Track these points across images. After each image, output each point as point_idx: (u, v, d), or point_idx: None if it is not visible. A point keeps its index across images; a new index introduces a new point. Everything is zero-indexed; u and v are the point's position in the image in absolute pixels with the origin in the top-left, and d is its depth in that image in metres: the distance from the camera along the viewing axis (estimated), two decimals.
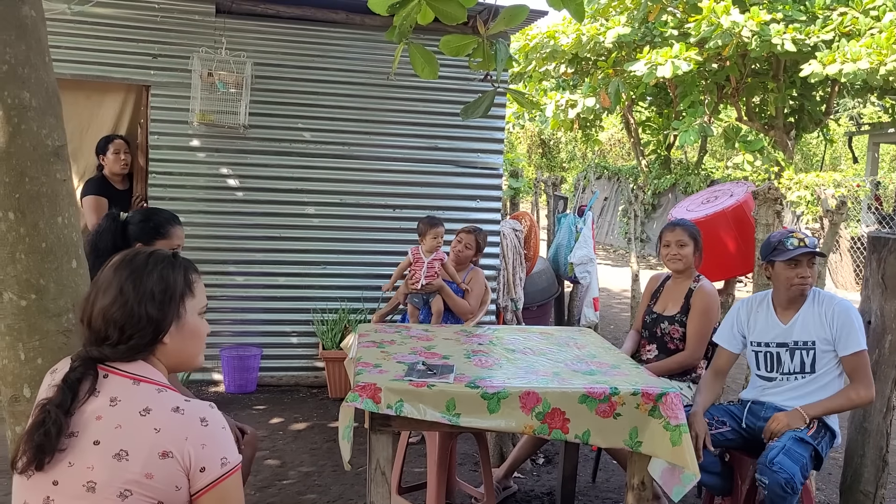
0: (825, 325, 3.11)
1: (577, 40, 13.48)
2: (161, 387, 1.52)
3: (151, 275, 1.58)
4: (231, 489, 1.49)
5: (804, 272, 3.13)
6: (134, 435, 1.43)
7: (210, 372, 5.53)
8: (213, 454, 1.47)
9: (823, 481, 4.28)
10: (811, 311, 3.16)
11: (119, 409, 1.46)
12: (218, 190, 5.44)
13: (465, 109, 3.01)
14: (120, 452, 1.41)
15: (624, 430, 2.83)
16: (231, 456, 1.50)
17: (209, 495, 1.47)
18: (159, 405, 1.47)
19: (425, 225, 4.68)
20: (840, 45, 10.66)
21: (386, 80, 5.57)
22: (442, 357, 3.20)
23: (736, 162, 12.97)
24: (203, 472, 1.45)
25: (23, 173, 2.00)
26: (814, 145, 24.85)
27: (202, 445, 1.46)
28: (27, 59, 2.00)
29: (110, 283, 1.55)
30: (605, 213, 18.76)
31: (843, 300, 3.17)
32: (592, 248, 6.70)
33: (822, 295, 3.19)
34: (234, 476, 1.50)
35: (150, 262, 1.60)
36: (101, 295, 1.55)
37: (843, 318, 3.08)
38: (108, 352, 1.53)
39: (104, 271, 1.58)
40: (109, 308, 1.53)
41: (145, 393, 1.49)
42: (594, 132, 17.95)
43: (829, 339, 3.09)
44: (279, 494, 3.81)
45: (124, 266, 1.58)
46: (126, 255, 1.61)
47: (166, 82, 5.28)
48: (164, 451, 1.43)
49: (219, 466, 1.47)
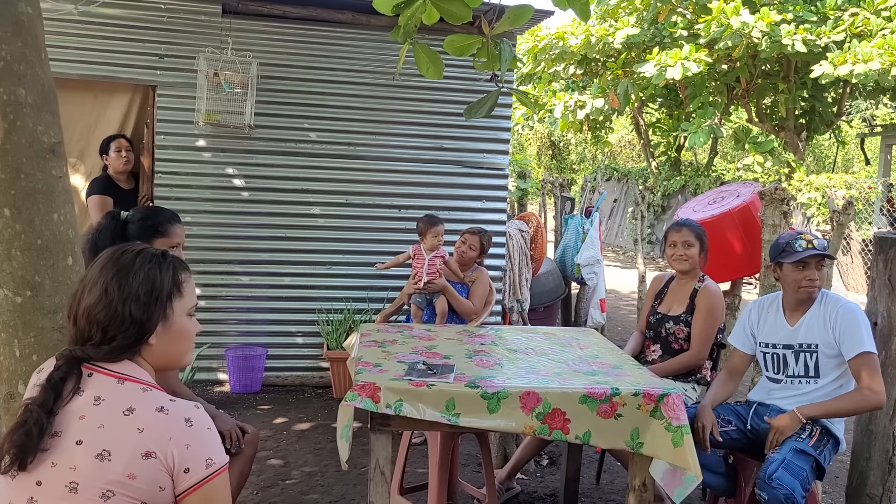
0: (828, 328, 3.06)
1: (586, 41, 13.45)
2: (146, 386, 1.51)
3: (137, 275, 1.56)
4: (216, 490, 1.47)
5: (812, 274, 3.09)
6: (117, 435, 1.41)
7: (215, 372, 5.53)
8: (197, 455, 1.45)
9: (830, 485, 4.24)
10: (817, 314, 3.12)
11: (102, 409, 1.44)
12: (224, 190, 5.45)
13: (469, 109, 3.00)
14: (102, 452, 1.40)
15: (625, 431, 2.80)
16: (217, 457, 1.48)
17: (194, 496, 1.45)
18: (143, 405, 1.45)
19: (425, 224, 4.66)
20: (851, 46, 10.58)
21: (392, 80, 5.56)
22: (443, 357, 3.18)
23: (746, 163, 12.89)
24: (187, 473, 1.44)
25: (18, 170, 2.00)
26: (826, 147, 24.70)
27: (186, 446, 1.44)
28: (23, 56, 2.00)
29: (96, 282, 1.53)
30: (614, 214, 18.70)
31: (849, 302, 3.12)
32: (599, 250, 6.67)
33: (829, 297, 3.15)
34: (220, 477, 1.48)
35: (138, 261, 1.58)
36: (86, 293, 1.53)
37: (846, 320, 3.02)
38: (92, 352, 1.51)
39: (91, 269, 1.56)
40: (94, 308, 1.51)
41: (130, 392, 1.47)
42: (604, 134, 17.91)
43: (832, 341, 3.04)
44: (282, 494, 3.81)
45: (111, 265, 1.56)
46: (114, 252, 1.58)
47: (172, 82, 5.29)
48: (147, 451, 1.41)
49: (203, 467, 1.45)
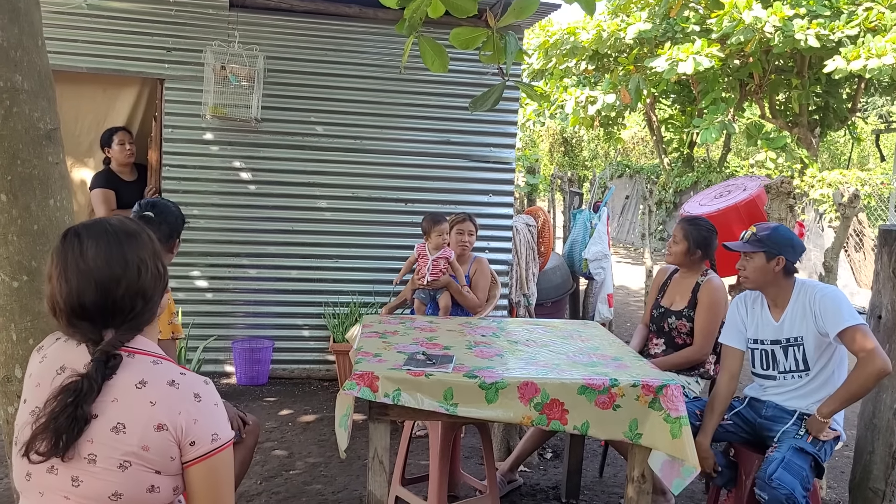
0: (809, 316, 3.02)
1: (598, 36, 13.38)
2: (157, 357, 1.54)
3: (144, 235, 1.60)
4: (220, 465, 1.51)
5: (742, 263, 3.14)
6: (130, 408, 1.45)
7: (222, 364, 5.56)
8: (204, 430, 1.49)
9: (834, 479, 4.21)
10: (797, 306, 3.08)
11: (115, 383, 1.47)
12: (231, 183, 5.47)
13: (474, 102, 3.00)
14: (117, 426, 1.44)
15: (623, 422, 2.80)
16: (222, 432, 1.52)
17: (198, 468, 1.49)
18: (155, 378, 1.49)
19: (429, 223, 4.65)
20: (865, 41, 10.47)
21: (398, 73, 5.57)
22: (443, 348, 3.19)
23: (759, 160, 12.79)
24: (193, 446, 1.48)
25: (14, 156, 2.02)
26: (841, 144, 24.48)
27: (194, 420, 1.48)
28: (19, 43, 2.01)
29: (125, 260, 1.53)
30: (626, 211, 18.63)
31: (825, 286, 3.10)
32: (607, 244, 6.65)
33: (805, 286, 3.11)
34: (225, 452, 1.52)
35: (138, 228, 1.60)
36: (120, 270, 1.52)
37: (825, 302, 2.98)
38: (124, 331, 1.52)
39: (94, 253, 1.52)
40: (138, 279, 1.53)
41: (141, 365, 1.51)
42: (616, 130, 17.83)
43: (817, 328, 3.00)
44: (285, 484, 3.83)
45: (122, 241, 1.55)
46: (114, 228, 1.56)
47: (180, 76, 5.31)
48: (159, 423, 1.45)
49: (209, 442, 1.49)
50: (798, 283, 3.13)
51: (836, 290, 3.09)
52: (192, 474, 1.50)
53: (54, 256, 1.52)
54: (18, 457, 1.48)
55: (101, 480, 1.43)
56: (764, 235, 3.09)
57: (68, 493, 1.45)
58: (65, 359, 1.52)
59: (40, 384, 1.51)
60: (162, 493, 1.48)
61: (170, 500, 1.51)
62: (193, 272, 5.43)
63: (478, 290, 4.69)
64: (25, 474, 1.48)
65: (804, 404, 3.07)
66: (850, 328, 2.89)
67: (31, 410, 1.49)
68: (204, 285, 5.49)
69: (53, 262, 1.52)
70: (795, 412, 3.07)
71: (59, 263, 1.51)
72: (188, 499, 1.53)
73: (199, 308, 5.45)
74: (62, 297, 1.49)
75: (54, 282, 1.50)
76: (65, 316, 1.51)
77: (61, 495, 1.45)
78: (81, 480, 1.44)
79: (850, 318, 2.91)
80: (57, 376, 1.49)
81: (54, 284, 1.50)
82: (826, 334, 2.98)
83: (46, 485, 1.46)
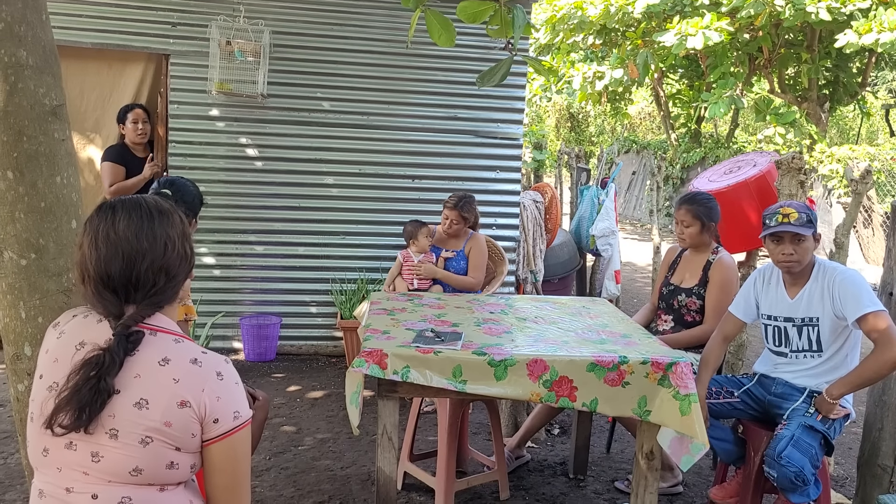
0: (827, 298, 2.98)
1: (606, 11, 13.21)
2: (178, 336, 1.56)
3: (176, 216, 1.61)
4: (239, 442, 1.54)
5: (786, 248, 3.00)
6: (153, 384, 1.47)
7: (230, 340, 5.58)
8: (226, 407, 1.51)
9: (843, 456, 4.22)
10: (816, 286, 3.04)
11: (138, 359, 1.48)
12: (237, 159, 5.45)
13: (482, 77, 2.97)
14: (140, 401, 1.45)
15: (632, 399, 2.80)
16: (243, 410, 1.54)
17: (219, 445, 1.51)
18: (177, 355, 1.51)
19: (414, 228, 4.71)
20: (877, 14, 10.33)
21: (405, 48, 5.51)
22: (452, 325, 3.18)
23: (767, 135, 12.66)
24: (216, 424, 1.50)
25: (20, 132, 2.00)
26: (850, 119, 24.28)
27: (217, 398, 1.50)
28: (24, 17, 1.99)
29: (154, 236, 1.55)
30: (633, 187, 18.54)
31: (846, 269, 3.04)
32: (615, 221, 6.62)
33: (826, 267, 3.06)
34: (245, 430, 1.54)
35: (163, 205, 1.61)
36: (148, 245, 1.55)
37: (845, 287, 2.93)
38: (144, 306, 1.53)
39: (132, 228, 1.54)
40: (161, 258, 1.55)
41: (163, 343, 1.52)
42: (623, 105, 17.68)
43: (834, 311, 2.96)
44: (294, 460, 3.84)
45: (154, 217, 1.57)
46: (142, 204, 1.58)
47: (185, 51, 5.27)
48: (182, 400, 1.47)
49: (231, 419, 1.51)
50: (818, 263, 3.09)
51: (857, 273, 3.03)
52: (213, 451, 1.51)
53: (87, 225, 1.57)
54: (36, 431, 1.49)
55: (122, 455, 1.44)
56: (811, 214, 3.03)
57: (87, 469, 1.46)
58: (84, 335, 1.53)
59: (58, 360, 1.51)
60: (180, 470, 1.50)
61: (186, 477, 1.53)
62: (201, 249, 5.42)
63: (473, 269, 4.68)
64: (42, 450, 1.49)
65: (815, 383, 3.05)
66: (870, 314, 2.86)
67: (49, 386, 1.49)
68: (211, 262, 5.48)
69: (85, 231, 1.56)
70: (805, 390, 3.06)
71: (91, 231, 1.54)
72: (207, 476, 1.55)
73: (206, 285, 5.45)
74: (92, 264, 1.52)
75: (85, 249, 1.53)
76: (93, 283, 1.53)
77: (80, 471, 1.46)
78: (102, 456, 1.45)
79: (871, 303, 2.88)
80: (77, 352, 1.50)
81: (85, 251, 1.53)
82: (843, 318, 2.94)
83: (64, 461, 1.47)
